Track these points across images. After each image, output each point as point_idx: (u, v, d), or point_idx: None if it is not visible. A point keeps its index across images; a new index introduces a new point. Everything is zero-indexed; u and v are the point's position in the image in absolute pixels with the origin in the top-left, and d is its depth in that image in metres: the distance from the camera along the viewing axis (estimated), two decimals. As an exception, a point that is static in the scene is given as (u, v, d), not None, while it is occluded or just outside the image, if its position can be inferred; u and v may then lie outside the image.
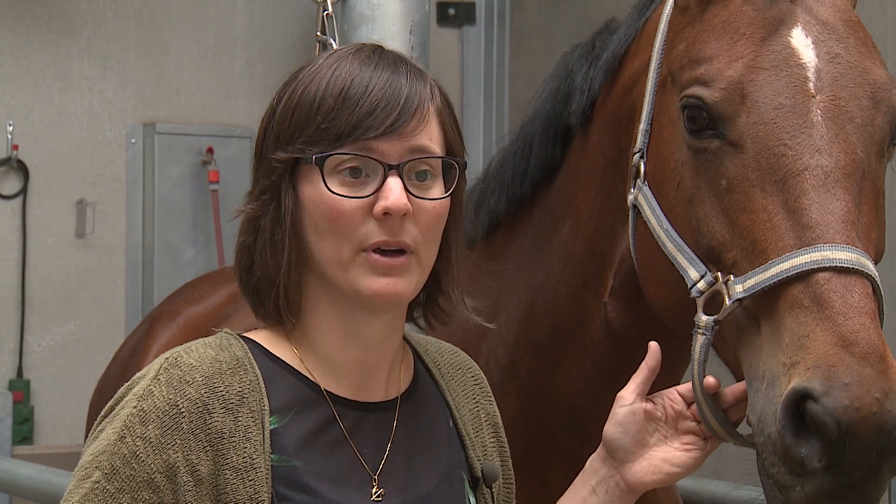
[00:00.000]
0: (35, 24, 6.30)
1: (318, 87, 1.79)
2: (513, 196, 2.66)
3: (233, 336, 1.84)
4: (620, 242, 2.35)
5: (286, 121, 1.80)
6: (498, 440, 2.01)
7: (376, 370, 1.86)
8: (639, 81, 2.30)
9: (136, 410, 1.73)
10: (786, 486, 1.83)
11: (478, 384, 2.03)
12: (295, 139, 1.78)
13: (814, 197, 1.92)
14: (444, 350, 2.04)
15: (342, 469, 1.78)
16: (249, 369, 1.78)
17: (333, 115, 1.76)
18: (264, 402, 1.76)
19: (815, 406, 1.76)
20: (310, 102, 1.78)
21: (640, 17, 2.40)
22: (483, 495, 1.92)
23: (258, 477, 1.71)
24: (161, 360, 1.78)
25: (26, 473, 3.63)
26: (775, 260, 1.90)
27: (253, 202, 1.82)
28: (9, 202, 6.27)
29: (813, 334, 1.82)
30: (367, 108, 1.76)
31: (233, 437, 1.72)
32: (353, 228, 1.76)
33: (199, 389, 1.74)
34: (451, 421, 1.94)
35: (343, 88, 1.77)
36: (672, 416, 1.98)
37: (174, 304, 3.92)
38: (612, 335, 2.42)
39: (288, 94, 1.82)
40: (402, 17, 2.69)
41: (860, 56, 2.06)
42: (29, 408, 6.23)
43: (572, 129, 2.52)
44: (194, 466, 1.70)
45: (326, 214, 1.76)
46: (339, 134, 1.76)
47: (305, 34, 6.52)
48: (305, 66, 1.85)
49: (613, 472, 1.96)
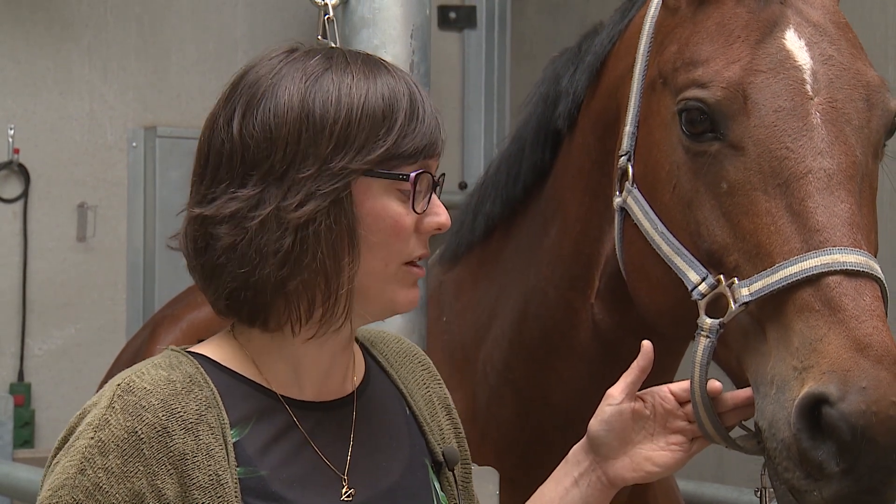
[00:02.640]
0: (36, 28, 6.31)
1: (376, 97, 1.76)
2: (507, 200, 2.68)
3: (180, 353, 1.81)
4: (607, 244, 2.36)
5: (350, 129, 1.74)
6: (452, 421, 2.01)
7: (338, 371, 1.86)
8: (623, 83, 2.30)
9: (93, 441, 1.69)
10: (802, 490, 1.82)
11: (425, 369, 2.03)
12: (363, 151, 1.74)
13: (818, 200, 1.92)
14: (389, 339, 2.04)
15: (308, 472, 1.78)
16: (204, 386, 1.76)
17: (406, 131, 1.76)
18: (223, 417, 1.74)
19: (832, 411, 1.76)
20: (380, 114, 1.75)
21: (622, 19, 2.41)
22: (446, 478, 1.93)
23: (226, 493, 1.69)
24: (112, 388, 1.73)
25: (27, 477, 3.63)
26: (782, 263, 1.90)
27: (298, 207, 1.72)
28: (10, 206, 6.27)
29: (826, 338, 1.82)
30: (433, 124, 1.79)
31: (196, 456, 1.70)
32: (406, 243, 1.78)
33: (157, 413, 1.70)
34: (407, 408, 1.94)
35: (410, 102, 1.78)
36: (661, 413, 1.98)
37: (176, 309, 3.91)
38: (600, 337, 2.43)
39: (334, 100, 1.75)
40: (403, 20, 2.68)
41: (852, 58, 2.07)
42: (30, 411, 6.22)
43: (561, 132, 2.53)
44: (160, 491, 1.67)
45: (389, 229, 1.76)
46: (415, 151, 1.77)
47: (306, 38, 6.51)
48: (324, 70, 1.78)
49: (595, 466, 1.98)
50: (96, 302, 6.42)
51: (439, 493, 1.90)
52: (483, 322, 2.71)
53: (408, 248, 1.78)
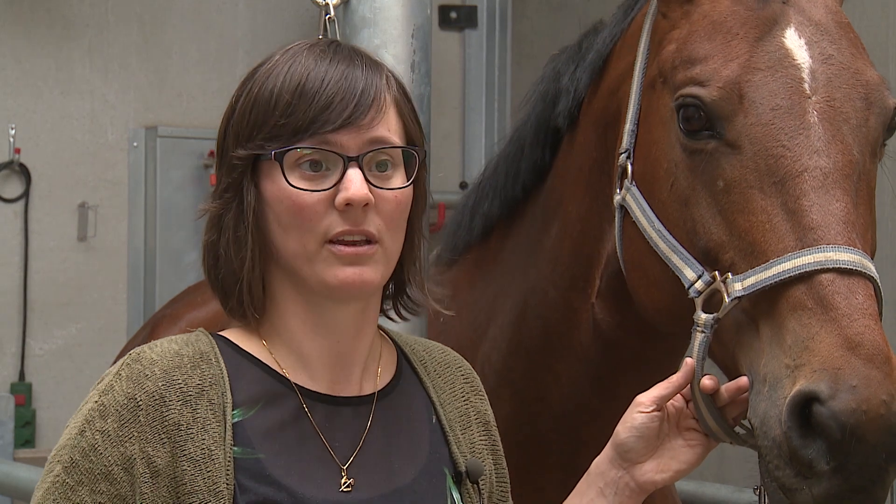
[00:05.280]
0: (37, 28, 6.31)
1: (275, 83, 1.80)
2: (505, 199, 2.67)
3: (203, 333, 1.87)
4: (607, 243, 2.35)
5: (245, 118, 1.81)
6: (489, 438, 2.00)
7: (350, 364, 1.87)
8: (624, 82, 2.30)
9: (96, 405, 1.77)
10: (792, 488, 1.82)
11: (468, 382, 2.03)
12: (254, 136, 1.80)
13: (814, 198, 1.92)
14: (432, 349, 2.05)
15: (310, 461, 1.79)
16: (214, 364, 1.80)
17: (290, 110, 1.78)
18: (227, 396, 1.78)
19: (822, 409, 1.76)
20: (266, 99, 1.80)
21: (625, 17, 2.40)
22: (468, 491, 1.92)
23: (216, 468, 1.73)
24: (126, 357, 1.81)
25: (28, 477, 3.63)
26: (776, 260, 1.90)
27: (216, 200, 1.84)
28: (11, 206, 6.27)
29: (817, 336, 1.82)
30: (324, 101, 1.78)
31: (190, 428, 1.75)
32: (316, 221, 1.78)
33: (157, 382, 1.76)
34: (435, 417, 1.94)
35: (299, 83, 1.79)
36: (673, 413, 1.98)
37: (176, 308, 3.92)
38: (600, 337, 2.42)
39: (245, 92, 1.83)
40: (403, 20, 2.69)
41: (852, 57, 2.07)
42: (31, 411, 6.22)
43: (560, 130, 2.52)
44: (150, 458, 1.73)
45: (289, 209, 1.78)
46: (297, 129, 1.78)
47: (307, 38, 6.52)
48: (263, 64, 1.86)
49: (623, 474, 1.95)
50: (97, 302, 6.42)
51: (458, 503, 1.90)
52: (481, 322, 2.71)
53: (321, 225, 1.78)
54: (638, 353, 2.38)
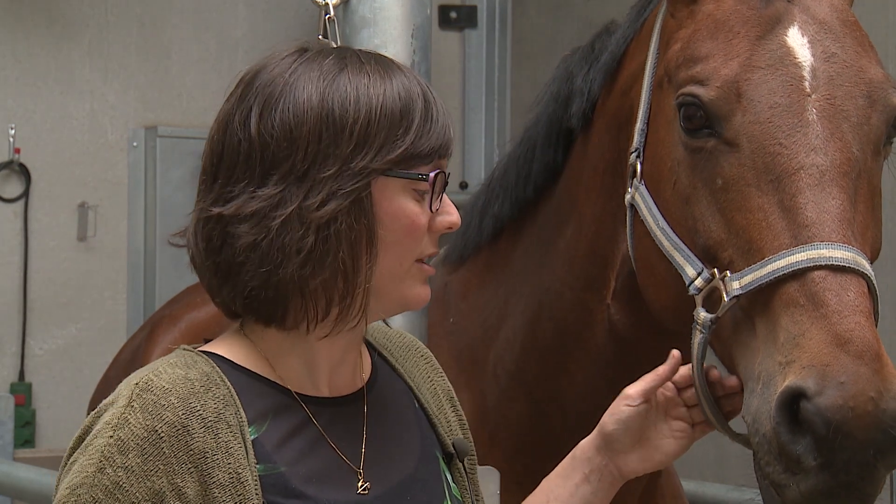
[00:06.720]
0: (37, 27, 6.31)
1: (393, 97, 1.77)
2: (517, 200, 2.67)
3: (193, 352, 1.81)
4: (622, 244, 2.35)
5: (370, 129, 1.75)
6: (456, 413, 2.03)
7: (346, 365, 1.87)
8: (636, 82, 2.30)
9: (112, 440, 1.69)
10: (781, 484, 1.83)
11: (428, 362, 2.05)
12: (382, 151, 1.76)
13: (809, 196, 1.92)
14: (391, 335, 2.05)
15: (325, 467, 1.78)
16: (220, 384, 1.76)
17: (423, 132, 1.78)
18: (241, 415, 1.74)
19: (808, 405, 1.77)
20: (397, 114, 1.76)
21: (638, 18, 2.41)
22: (457, 470, 1.94)
23: (246, 491, 1.69)
24: (130, 387, 1.73)
25: (28, 476, 3.63)
26: (771, 258, 1.90)
27: (320, 206, 1.73)
28: (10, 205, 6.27)
29: (808, 333, 1.82)
30: (445, 124, 1.81)
31: (215, 454, 1.70)
32: (420, 241, 1.80)
33: (177, 412, 1.70)
34: (416, 402, 1.96)
35: (425, 103, 1.79)
36: (662, 402, 2.01)
37: (176, 309, 3.91)
38: (616, 338, 2.42)
39: (353, 99, 1.76)
40: (403, 20, 2.69)
41: (856, 55, 2.06)
42: (30, 411, 6.23)
43: (573, 131, 2.52)
44: (180, 490, 1.67)
45: (405, 227, 1.78)
46: (431, 150, 1.78)
47: (306, 38, 6.51)
48: (340, 70, 1.79)
49: (608, 462, 2.00)
50: (97, 301, 6.42)
51: (451, 485, 1.92)
52: (492, 323, 2.71)
53: (420, 246, 1.81)
54: (653, 353, 2.38)
